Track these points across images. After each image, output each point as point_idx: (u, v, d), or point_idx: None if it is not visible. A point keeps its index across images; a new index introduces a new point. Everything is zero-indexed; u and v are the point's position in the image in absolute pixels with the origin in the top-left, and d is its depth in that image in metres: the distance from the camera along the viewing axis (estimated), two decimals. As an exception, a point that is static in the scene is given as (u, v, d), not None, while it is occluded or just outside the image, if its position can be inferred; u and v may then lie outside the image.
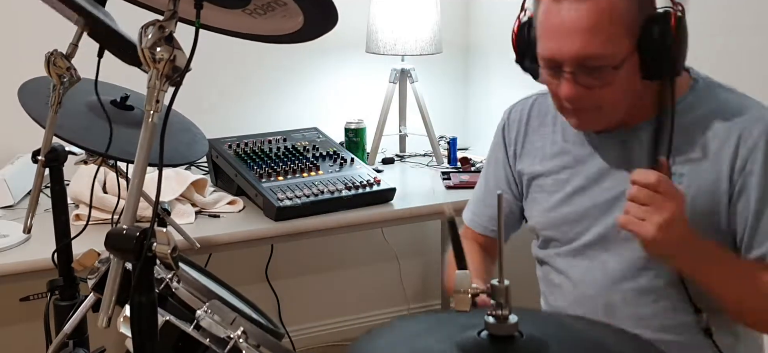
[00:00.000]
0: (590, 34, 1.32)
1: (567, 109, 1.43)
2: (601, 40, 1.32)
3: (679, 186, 1.39)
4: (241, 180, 2.36)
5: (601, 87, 1.36)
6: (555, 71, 1.38)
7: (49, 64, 1.45)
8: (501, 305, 0.87)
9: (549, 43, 1.37)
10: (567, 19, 1.32)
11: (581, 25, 1.32)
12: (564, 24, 1.33)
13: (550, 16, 1.35)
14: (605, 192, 1.49)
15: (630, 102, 1.41)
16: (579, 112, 1.42)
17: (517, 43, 1.48)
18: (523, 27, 1.47)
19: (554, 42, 1.35)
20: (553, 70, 1.38)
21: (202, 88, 2.69)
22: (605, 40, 1.32)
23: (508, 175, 1.67)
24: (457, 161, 2.81)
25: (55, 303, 1.69)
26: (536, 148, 1.61)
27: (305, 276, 3.17)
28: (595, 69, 1.34)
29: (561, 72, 1.37)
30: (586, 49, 1.33)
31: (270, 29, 1.12)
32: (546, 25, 1.37)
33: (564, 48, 1.34)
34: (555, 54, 1.36)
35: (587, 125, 1.48)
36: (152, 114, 0.98)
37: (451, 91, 3.20)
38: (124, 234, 0.96)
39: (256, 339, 1.31)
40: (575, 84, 1.36)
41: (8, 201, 2.33)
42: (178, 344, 1.26)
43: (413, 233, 3.26)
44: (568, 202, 1.54)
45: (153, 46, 0.97)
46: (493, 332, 0.88)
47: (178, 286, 1.39)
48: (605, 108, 1.40)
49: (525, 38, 1.45)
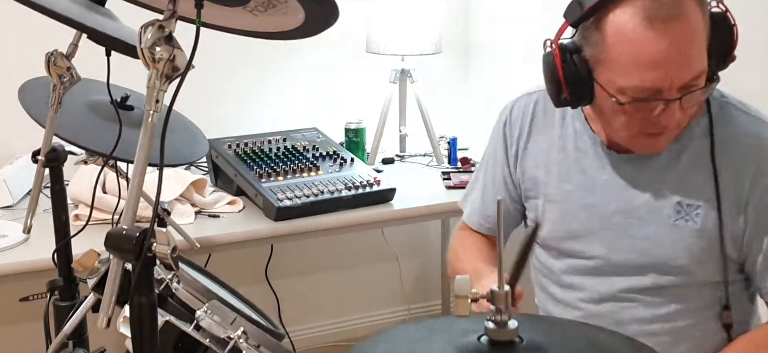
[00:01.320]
0: (696, 54, 1.28)
1: (650, 136, 1.36)
2: (702, 57, 1.29)
3: (685, 219, 1.39)
4: (240, 180, 2.36)
5: (697, 105, 1.33)
6: (647, 101, 1.30)
7: (49, 63, 1.44)
8: (500, 311, 0.87)
9: (649, 74, 1.27)
10: (671, 45, 1.26)
11: (686, 48, 1.27)
12: (669, 50, 1.26)
13: (643, 47, 1.27)
14: (609, 208, 1.47)
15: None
16: (663, 136, 1.37)
17: (567, 80, 1.35)
18: (567, 60, 1.35)
19: (659, 71, 1.27)
20: (646, 101, 1.30)
21: (202, 87, 2.68)
22: (703, 55, 1.29)
23: (507, 175, 1.63)
24: (457, 161, 2.81)
25: (54, 304, 1.69)
26: (541, 150, 1.56)
27: (305, 277, 3.17)
28: (699, 88, 1.30)
29: (659, 100, 1.29)
30: (695, 70, 1.28)
31: (271, 26, 1.12)
32: (639, 56, 1.27)
33: (676, 75, 1.27)
34: (661, 83, 1.28)
35: (663, 147, 1.41)
36: (152, 114, 0.98)
37: (451, 91, 3.20)
38: (124, 235, 0.96)
39: (256, 340, 1.31)
40: (681, 108, 1.30)
41: (8, 201, 2.33)
42: (178, 344, 1.26)
43: (413, 233, 3.26)
44: (572, 214, 1.52)
45: (152, 45, 0.96)
46: (493, 337, 0.87)
47: (178, 287, 1.39)
48: (683, 125, 1.37)
49: (573, 72, 1.35)
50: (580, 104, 1.41)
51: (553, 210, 1.55)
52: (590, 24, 1.33)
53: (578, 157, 1.51)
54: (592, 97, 1.37)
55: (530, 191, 1.59)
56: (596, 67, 1.34)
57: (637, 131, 1.36)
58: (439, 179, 2.68)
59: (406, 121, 2.98)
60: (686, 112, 1.33)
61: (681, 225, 1.41)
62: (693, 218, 1.41)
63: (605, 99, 1.34)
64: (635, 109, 1.32)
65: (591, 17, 1.32)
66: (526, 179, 1.59)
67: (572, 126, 1.52)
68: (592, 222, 1.49)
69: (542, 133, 1.57)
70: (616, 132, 1.41)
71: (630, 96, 1.31)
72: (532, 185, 1.58)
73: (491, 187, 1.66)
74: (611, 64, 1.31)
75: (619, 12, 1.28)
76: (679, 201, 1.42)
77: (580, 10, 1.32)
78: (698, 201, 1.40)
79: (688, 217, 1.41)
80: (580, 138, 1.51)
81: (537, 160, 1.57)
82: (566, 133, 1.53)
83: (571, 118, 1.53)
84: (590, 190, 1.49)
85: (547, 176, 1.55)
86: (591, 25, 1.33)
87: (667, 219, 1.42)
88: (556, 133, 1.55)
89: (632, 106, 1.32)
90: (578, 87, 1.36)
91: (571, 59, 1.35)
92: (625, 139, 1.42)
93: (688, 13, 1.26)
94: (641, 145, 1.41)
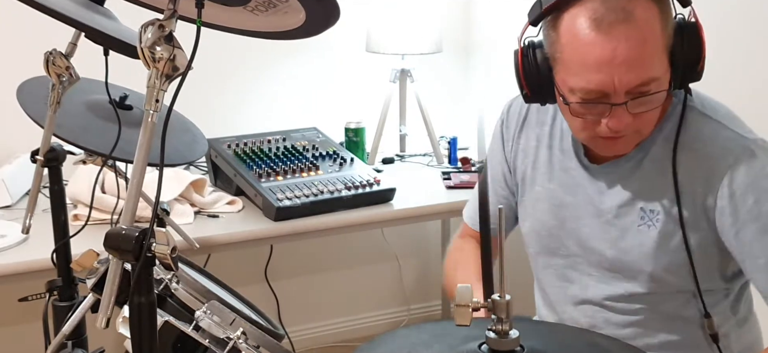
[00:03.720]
0: (646, 59, 1.27)
1: (606, 139, 1.35)
2: (654, 63, 1.28)
3: (648, 224, 1.39)
4: (240, 180, 2.36)
5: (649, 111, 1.32)
6: (595, 104, 1.31)
7: (48, 63, 1.44)
8: (501, 320, 0.87)
9: (595, 75, 1.27)
10: (617, 48, 1.25)
11: (634, 53, 1.25)
12: (615, 53, 1.25)
13: (590, 48, 1.27)
14: (584, 210, 1.48)
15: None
16: (620, 140, 1.36)
17: (527, 77, 1.38)
18: (528, 58, 1.38)
19: (603, 74, 1.27)
20: (593, 102, 1.31)
21: (202, 87, 2.67)
22: (656, 62, 1.28)
23: (506, 173, 1.64)
24: (457, 161, 2.81)
25: (53, 304, 1.69)
26: (530, 147, 1.58)
27: (305, 277, 3.17)
28: (648, 94, 1.29)
29: (605, 104, 1.30)
30: (643, 75, 1.27)
31: (271, 26, 1.11)
32: (586, 57, 1.28)
33: (621, 78, 1.26)
34: (606, 86, 1.28)
35: (623, 150, 1.41)
36: (152, 114, 0.98)
37: (451, 91, 3.20)
38: (123, 235, 0.95)
39: (256, 340, 1.31)
40: (628, 113, 1.30)
41: (6, 201, 2.32)
42: (177, 345, 1.26)
43: (413, 233, 3.26)
44: (552, 212, 1.52)
45: (152, 45, 0.96)
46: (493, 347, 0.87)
47: (177, 287, 1.38)
48: (643, 131, 1.37)
49: (533, 70, 1.37)
50: (543, 101, 1.42)
51: (536, 206, 1.56)
52: (548, 23, 1.34)
53: (562, 156, 1.52)
54: (553, 96, 1.38)
55: (520, 187, 1.61)
56: (554, 66, 1.36)
57: (593, 133, 1.36)
58: (439, 179, 2.67)
59: (406, 120, 2.98)
60: (641, 118, 1.32)
61: (643, 231, 1.41)
62: (654, 223, 1.40)
63: (558, 98, 1.37)
64: (585, 110, 1.33)
65: (548, 16, 1.33)
66: (518, 175, 1.61)
67: (560, 126, 1.53)
68: (571, 221, 1.50)
69: (533, 130, 1.58)
70: (576, 133, 1.42)
71: (578, 97, 1.31)
72: (521, 181, 1.60)
73: (492, 186, 1.66)
74: (564, 63, 1.32)
75: (573, 12, 1.29)
76: (642, 206, 1.41)
77: (539, 8, 1.34)
78: (658, 206, 1.40)
79: (650, 223, 1.40)
80: (565, 138, 1.52)
81: (526, 156, 1.58)
82: (554, 132, 1.54)
83: (560, 118, 1.53)
84: (570, 190, 1.50)
85: (533, 172, 1.57)
86: (549, 24, 1.34)
87: (632, 224, 1.42)
88: (546, 131, 1.56)
89: (580, 107, 1.32)
90: (537, 84, 1.38)
91: (533, 57, 1.37)
92: (585, 140, 1.43)
93: (638, 18, 1.25)
94: (600, 147, 1.41)
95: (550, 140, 1.55)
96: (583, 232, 1.48)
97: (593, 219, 1.47)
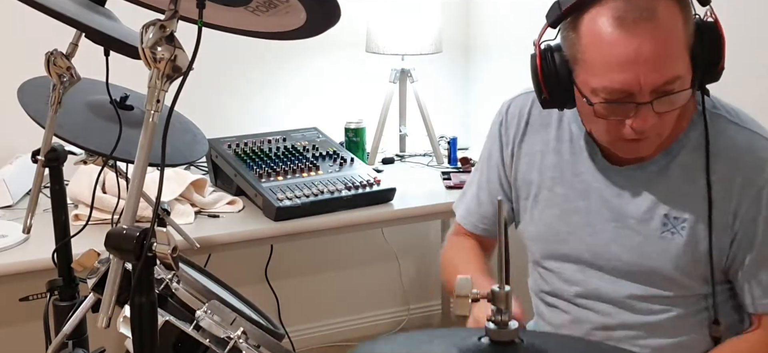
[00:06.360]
0: (670, 57, 1.26)
1: (630, 141, 1.34)
2: (677, 62, 1.27)
3: (672, 231, 1.39)
4: (240, 180, 2.36)
5: (673, 110, 1.30)
6: (619, 104, 1.29)
7: (49, 63, 1.44)
8: (501, 311, 0.87)
9: (619, 75, 1.26)
10: (641, 46, 1.24)
11: (658, 50, 1.24)
12: (639, 51, 1.24)
13: (614, 47, 1.26)
14: (600, 215, 1.46)
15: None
16: (643, 142, 1.34)
17: (546, 81, 1.36)
18: (547, 61, 1.36)
19: (628, 72, 1.25)
20: (618, 102, 1.29)
21: (202, 87, 2.68)
22: (680, 60, 1.27)
23: (502, 176, 1.61)
24: (457, 161, 2.81)
25: (54, 304, 1.69)
26: (535, 152, 1.55)
27: (305, 277, 3.17)
28: (672, 92, 1.28)
29: (630, 103, 1.28)
30: (668, 74, 1.26)
31: (272, 26, 1.11)
32: (610, 57, 1.26)
33: (646, 77, 1.25)
34: (630, 85, 1.26)
35: (645, 152, 1.39)
36: (153, 114, 0.98)
37: (451, 91, 3.20)
38: (124, 234, 0.96)
39: (256, 340, 1.31)
40: (653, 113, 1.28)
41: (7, 201, 2.32)
42: (178, 344, 1.26)
43: (413, 233, 3.26)
44: (562, 217, 1.51)
45: (154, 45, 0.96)
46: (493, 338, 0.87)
47: (177, 287, 1.39)
48: (664, 132, 1.35)
49: (553, 73, 1.35)
50: (562, 105, 1.41)
51: (543, 212, 1.54)
52: (568, 24, 1.33)
53: (573, 160, 1.50)
54: (572, 100, 1.37)
55: (522, 191, 1.58)
56: (574, 68, 1.34)
57: (616, 136, 1.35)
58: (439, 179, 2.68)
59: (406, 120, 2.98)
60: (664, 119, 1.31)
61: (667, 238, 1.40)
62: (678, 231, 1.39)
63: (580, 100, 1.35)
64: (608, 111, 1.31)
65: (568, 17, 1.32)
66: (520, 180, 1.58)
67: (569, 128, 1.51)
68: (582, 228, 1.48)
69: (537, 134, 1.55)
70: (599, 135, 1.41)
71: (602, 97, 1.30)
72: (524, 186, 1.57)
73: (486, 187, 1.64)
74: (585, 64, 1.31)
75: (594, 12, 1.28)
76: (666, 213, 1.41)
77: (559, 10, 1.33)
78: (685, 214, 1.39)
79: (674, 230, 1.40)
80: (576, 141, 1.50)
81: (531, 162, 1.56)
82: (562, 136, 1.52)
83: (568, 121, 1.51)
84: (583, 195, 1.48)
85: (540, 177, 1.54)
86: (568, 26, 1.33)
87: (654, 230, 1.42)
88: (551, 135, 1.53)
89: (604, 108, 1.31)
90: (557, 87, 1.36)
91: (551, 60, 1.36)
92: (608, 142, 1.41)
93: (661, 16, 1.25)
94: (623, 150, 1.40)
95: (558, 144, 1.52)
96: (596, 237, 1.47)
97: (608, 223, 1.45)
